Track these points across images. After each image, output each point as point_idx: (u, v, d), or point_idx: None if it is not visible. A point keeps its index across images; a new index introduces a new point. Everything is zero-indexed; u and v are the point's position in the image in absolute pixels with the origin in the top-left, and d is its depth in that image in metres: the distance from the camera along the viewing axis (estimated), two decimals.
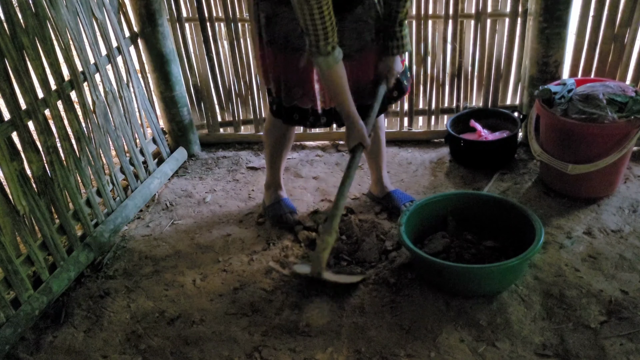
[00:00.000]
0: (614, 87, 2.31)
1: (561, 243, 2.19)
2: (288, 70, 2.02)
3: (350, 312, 1.96)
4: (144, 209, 2.66)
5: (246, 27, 2.83)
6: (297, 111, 2.11)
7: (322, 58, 1.81)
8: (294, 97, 2.06)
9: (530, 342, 1.78)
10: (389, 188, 2.49)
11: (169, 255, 2.33)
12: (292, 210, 2.45)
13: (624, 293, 1.93)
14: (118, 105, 2.53)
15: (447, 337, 1.82)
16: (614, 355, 1.71)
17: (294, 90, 2.05)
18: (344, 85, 1.91)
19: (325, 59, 1.81)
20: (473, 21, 2.74)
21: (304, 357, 1.80)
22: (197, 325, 1.96)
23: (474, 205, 2.19)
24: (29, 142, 2.01)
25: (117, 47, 2.55)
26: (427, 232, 2.19)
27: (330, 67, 1.83)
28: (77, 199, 2.25)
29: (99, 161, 2.39)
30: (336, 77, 1.87)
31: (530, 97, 2.75)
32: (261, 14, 1.96)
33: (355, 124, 1.97)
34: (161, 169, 2.82)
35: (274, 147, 2.37)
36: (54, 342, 1.95)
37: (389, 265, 2.13)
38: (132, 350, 1.90)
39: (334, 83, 1.88)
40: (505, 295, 1.95)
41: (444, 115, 3.01)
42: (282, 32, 1.94)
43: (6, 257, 1.89)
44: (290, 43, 1.94)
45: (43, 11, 2.07)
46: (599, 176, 2.35)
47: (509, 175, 2.66)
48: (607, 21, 2.55)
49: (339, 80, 1.88)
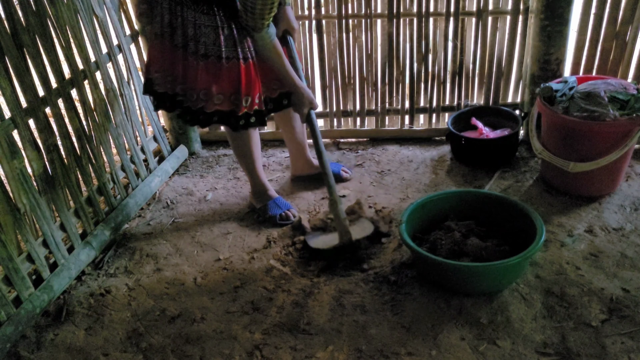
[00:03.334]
0: (616, 85, 2.31)
1: (562, 241, 2.18)
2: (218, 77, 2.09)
3: (350, 310, 1.96)
4: (144, 207, 2.66)
5: None
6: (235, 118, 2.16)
7: (265, 30, 1.99)
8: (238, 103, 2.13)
9: (531, 341, 1.78)
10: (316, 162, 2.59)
11: (170, 254, 2.33)
12: (289, 207, 2.47)
13: (625, 291, 1.93)
14: (119, 103, 2.53)
15: (448, 335, 1.82)
16: (615, 354, 1.71)
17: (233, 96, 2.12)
18: (284, 56, 2.10)
19: (268, 30, 2.00)
20: (474, 19, 2.73)
21: (304, 355, 1.80)
22: (198, 324, 1.96)
23: (475, 204, 2.19)
24: (29, 140, 2.01)
25: (118, 45, 2.54)
26: (427, 230, 2.19)
27: (273, 37, 2.03)
28: (77, 197, 2.25)
29: (99, 159, 2.39)
30: (279, 47, 2.07)
31: (532, 95, 2.75)
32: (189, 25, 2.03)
33: (301, 88, 2.16)
34: (162, 167, 2.82)
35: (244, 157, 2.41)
36: (55, 340, 1.95)
37: (387, 261, 2.13)
38: (133, 348, 1.90)
39: (278, 53, 2.06)
40: (506, 293, 1.95)
41: (445, 113, 3.00)
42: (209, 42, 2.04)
43: (7, 256, 1.89)
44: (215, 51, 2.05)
45: (43, 9, 2.06)
46: (601, 174, 2.34)
47: (510, 173, 2.66)
48: (608, 19, 2.54)
49: (280, 49, 2.08)
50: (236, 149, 2.41)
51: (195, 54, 2.03)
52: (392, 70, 2.89)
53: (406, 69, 2.89)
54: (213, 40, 2.01)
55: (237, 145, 2.38)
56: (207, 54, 2.02)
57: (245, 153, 2.39)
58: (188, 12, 1.99)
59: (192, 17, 1.99)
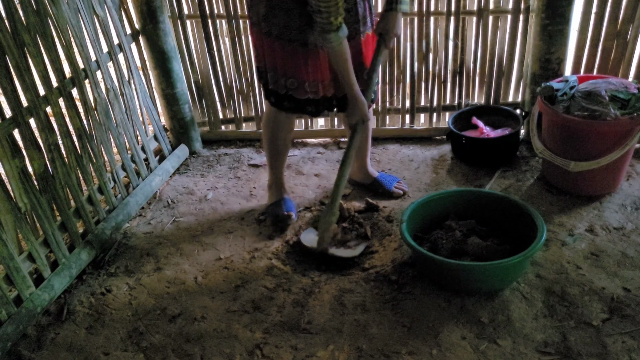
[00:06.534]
0: (617, 84, 2.31)
1: (563, 240, 2.18)
2: (286, 60, 2.07)
3: (351, 309, 1.95)
4: (145, 206, 2.66)
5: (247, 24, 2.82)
6: (290, 100, 2.16)
7: (333, 33, 1.90)
8: (289, 87, 2.12)
9: (532, 340, 1.78)
10: (374, 174, 2.60)
11: (171, 253, 2.33)
12: (290, 212, 2.43)
13: (626, 291, 1.93)
14: (119, 102, 2.53)
15: (449, 334, 1.82)
16: (616, 353, 1.71)
17: (289, 80, 2.11)
18: (350, 61, 2.01)
19: (337, 34, 1.90)
20: (475, 18, 2.73)
21: (305, 354, 1.80)
22: (198, 323, 1.97)
23: (476, 203, 2.19)
24: (30, 140, 2.01)
25: (119, 44, 2.54)
26: (428, 229, 2.18)
27: (341, 41, 1.93)
28: (78, 196, 2.25)
29: (100, 158, 2.39)
30: (345, 51, 1.97)
31: (533, 94, 2.74)
32: (260, 5, 2.01)
33: (358, 100, 2.09)
34: (163, 166, 2.82)
35: (272, 143, 2.38)
36: (56, 339, 1.95)
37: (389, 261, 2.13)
38: (133, 347, 1.90)
39: (343, 58, 1.98)
40: (507, 292, 1.95)
41: (446, 113, 3.00)
42: (280, 24, 2.00)
43: (8, 255, 1.89)
44: (286, 35, 2.01)
45: (44, 8, 2.07)
46: (601, 173, 2.34)
47: (511, 172, 2.66)
48: (609, 18, 2.54)
49: (347, 56, 1.98)
50: (270, 133, 2.36)
51: (269, 35, 2.02)
52: (393, 70, 2.89)
53: (407, 68, 2.89)
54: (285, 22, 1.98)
55: (273, 128, 2.33)
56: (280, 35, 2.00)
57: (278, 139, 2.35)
58: None
59: None
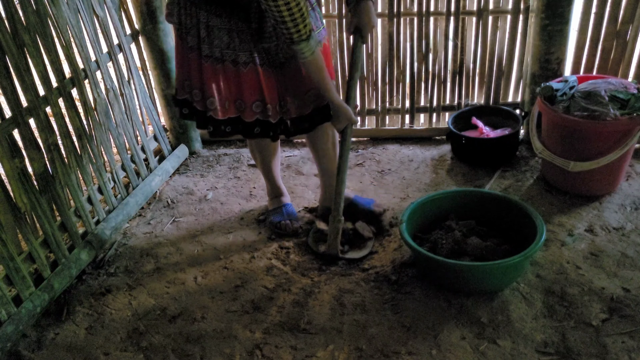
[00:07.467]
0: (616, 84, 2.31)
1: (563, 240, 2.18)
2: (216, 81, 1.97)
3: (351, 309, 1.96)
4: (145, 207, 2.66)
5: None
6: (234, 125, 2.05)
7: (304, 43, 1.78)
8: (209, 107, 2.01)
9: (531, 340, 1.78)
10: (349, 195, 2.43)
11: (170, 253, 2.33)
12: (293, 218, 2.41)
13: (626, 291, 1.93)
14: (119, 102, 2.53)
15: (449, 334, 1.82)
16: (616, 353, 1.71)
17: (237, 102, 2.01)
18: (326, 70, 1.91)
19: (307, 43, 1.78)
20: (475, 18, 2.73)
21: (305, 354, 1.80)
22: (198, 323, 1.97)
23: (476, 203, 2.19)
24: (30, 140, 2.01)
25: (118, 45, 2.54)
26: (428, 229, 2.19)
27: (313, 50, 1.81)
28: (78, 196, 2.25)
29: (100, 158, 2.39)
30: (320, 60, 1.87)
31: (532, 94, 2.74)
32: (201, 26, 1.88)
33: (340, 107, 2.02)
34: (162, 167, 2.82)
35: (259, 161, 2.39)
36: (56, 339, 1.95)
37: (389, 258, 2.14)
38: (133, 347, 1.90)
39: (318, 67, 1.87)
40: (507, 292, 1.95)
41: (446, 113, 3.00)
42: (221, 46, 1.90)
43: (7, 255, 1.89)
44: (228, 56, 1.91)
45: (44, 8, 2.06)
46: (601, 173, 2.34)
47: (511, 172, 2.66)
48: (609, 18, 2.54)
49: (322, 64, 1.88)
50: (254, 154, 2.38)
51: (209, 58, 1.92)
52: (393, 70, 2.89)
53: (406, 68, 2.89)
54: (227, 43, 1.88)
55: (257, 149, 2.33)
56: (222, 58, 1.91)
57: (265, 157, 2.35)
58: (201, 13, 1.85)
59: (204, 18, 1.86)
